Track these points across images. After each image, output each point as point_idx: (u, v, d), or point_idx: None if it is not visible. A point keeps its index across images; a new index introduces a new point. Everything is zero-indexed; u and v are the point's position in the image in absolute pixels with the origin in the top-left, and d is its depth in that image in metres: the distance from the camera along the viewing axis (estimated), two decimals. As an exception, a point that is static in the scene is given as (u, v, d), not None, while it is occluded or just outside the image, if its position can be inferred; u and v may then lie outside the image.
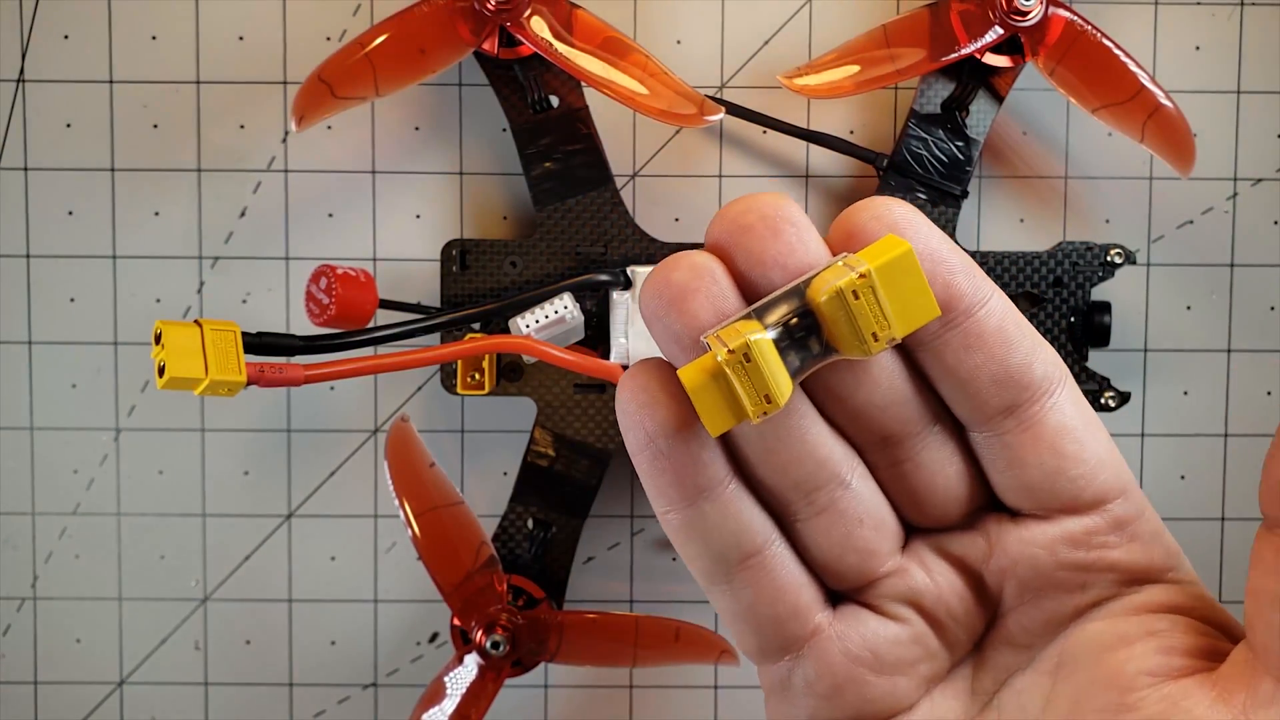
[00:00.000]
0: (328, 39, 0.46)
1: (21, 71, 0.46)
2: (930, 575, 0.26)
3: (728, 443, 0.25)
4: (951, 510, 0.26)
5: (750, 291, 0.24)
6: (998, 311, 0.24)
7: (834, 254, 0.24)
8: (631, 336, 0.43)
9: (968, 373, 0.24)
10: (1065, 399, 0.25)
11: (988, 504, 0.26)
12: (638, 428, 0.24)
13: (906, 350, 0.25)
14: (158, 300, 0.47)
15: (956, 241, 0.44)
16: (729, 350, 0.22)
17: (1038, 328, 0.44)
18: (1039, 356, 0.24)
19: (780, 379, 0.23)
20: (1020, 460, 0.25)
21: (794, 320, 0.23)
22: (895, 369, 0.25)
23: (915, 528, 0.27)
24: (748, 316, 0.23)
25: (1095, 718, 0.25)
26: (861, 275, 0.22)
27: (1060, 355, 0.43)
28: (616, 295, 0.43)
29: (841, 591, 0.27)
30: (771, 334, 0.23)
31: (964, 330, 0.24)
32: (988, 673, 0.27)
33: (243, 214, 0.47)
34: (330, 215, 0.47)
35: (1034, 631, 0.26)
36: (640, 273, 0.43)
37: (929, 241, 0.24)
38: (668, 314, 0.23)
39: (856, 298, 0.22)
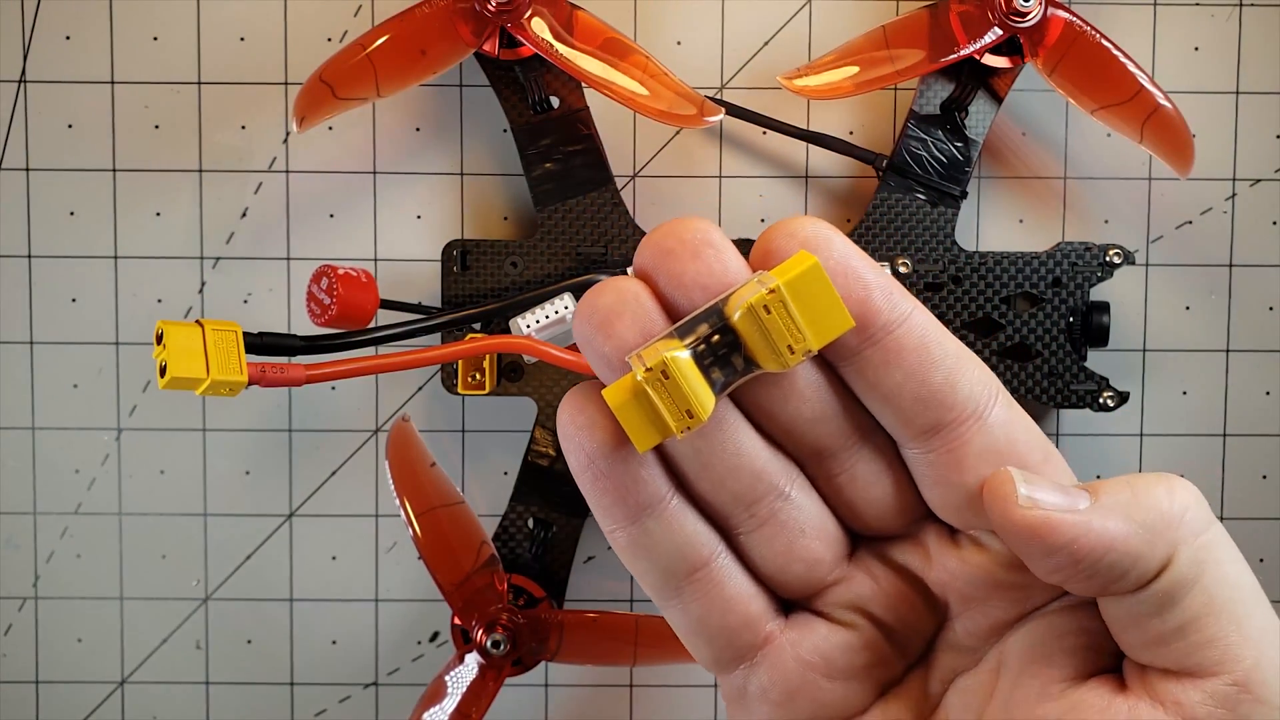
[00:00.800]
0: (329, 40, 0.46)
1: (23, 72, 0.46)
2: (877, 583, 0.27)
3: (666, 459, 0.25)
4: (890, 522, 0.26)
5: (675, 313, 0.24)
6: (918, 329, 0.24)
7: (754, 273, 0.24)
8: (632, 336, 0.43)
9: (889, 390, 0.25)
10: (995, 421, 0.25)
11: (928, 515, 0.26)
12: (578, 449, 0.25)
13: (832, 366, 0.25)
14: (159, 300, 0.47)
15: (954, 242, 0.44)
16: (647, 368, 0.23)
17: (1036, 328, 0.44)
18: (964, 376, 0.25)
19: (701, 394, 0.23)
20: (946, 482, 0.25)
21: (715, 337, 0.24)
22: (821, 383, 0.25)
23: (861, 536, 0.27)
24: (669, 336, 0.24)
25: (1020, 712, 0.25)
26: (771, 290, 0.23)
27: (1059, 355, 0.44)
28: (617, 295, 0.43)
29: (791, 600, 0.27)
30: (690, 351, 0.23)
31: (883, 347, 0.24)
32: (937, 675, 0.27)
33: (244, 214, 0.47)
34: (331, 216, 0.47)
35: (980, 636, 0.27)
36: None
37: (843, 259, 0.24)
38: (595, 337, 0.24)
39: (769, 312, 0.23)
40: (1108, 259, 0.44)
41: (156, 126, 0.47)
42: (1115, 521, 0.24)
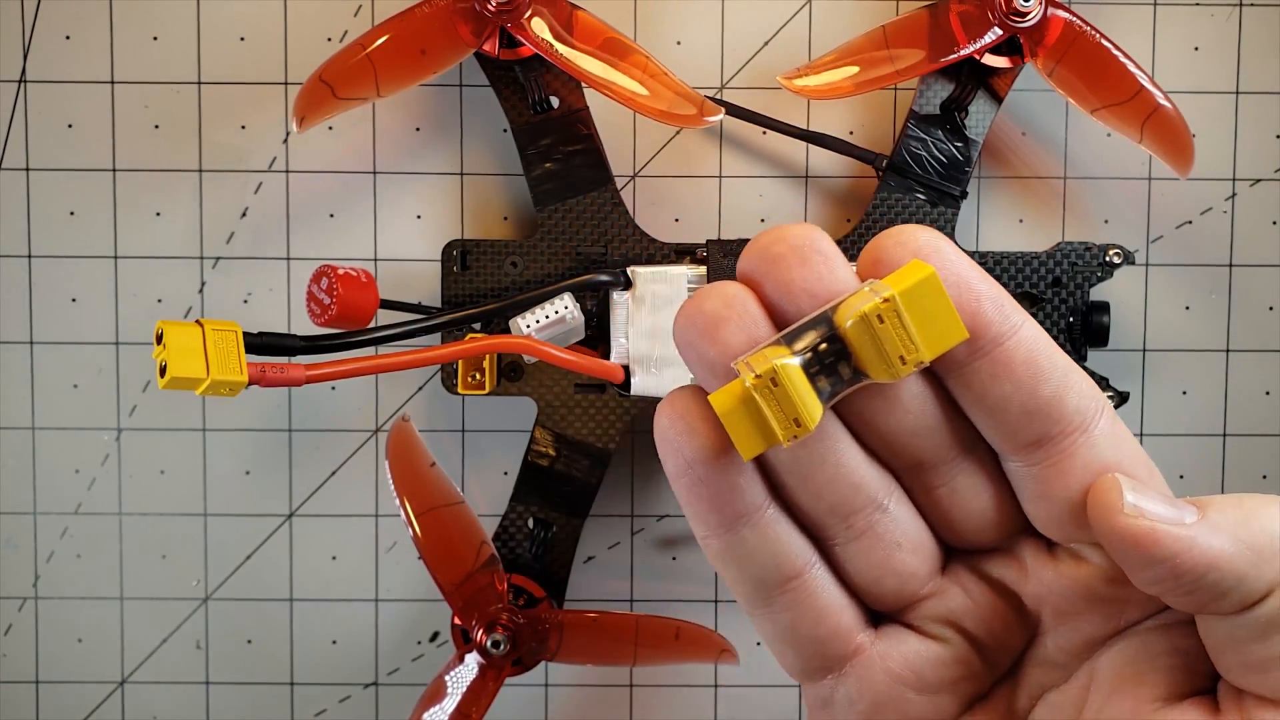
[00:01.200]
0: (329, 40, 0.46)
1: (23, 72, 0.46)
2: (970, 597, 0.26)
3: (764, 468, 0.25)
4: (987, 535, 0.26)
5: (782, 320, 0.24)
6: (1028, 341, 0.24)
7: (862, 281, 0.24)
8: (631, 336, 0.43)
9: (996, 402, 0.24)
10: (1100, 434, 0.24)
11: (1025, 529, 0.26)
12: (676, 454, 0.24)
13: (937, 377, 0.25)
14: (159, 300, 0.47)
15: (964, 249, 0.44)
16: (756, 375, 0.23)
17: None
18: (1072, 389, 0.24)
19: (809, 403, 0.23)
20: (1049, 495, 0.25)
21: (823, 345, 0.23)
22: (925, 395, 0.25)
23: (954, 549, 0.27)
24: (777, 343, 0.23)
25: None
26: (885, 300, 0.23)
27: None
28: (617, 295, 0.43)
29: (882, 612, 0.27)
30: (799, 359, 0.23)
31: (992, 359, 0.24)
32: (1025, 690, 0.27)
33: (244, 214, 0.47)
34: (331, 215, 0.47)
35: (1071, 652, 0.26)
36: (640, 273, 0.43)
37: (956, 268, 0.24)
38: (700, 342, 0.24)
39: (882, 322, 0.23)
40: (1108, 259, 0.44)
41: (156, 126, 0.47)
42: (1221, 540, 0.23)
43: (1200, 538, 0.23)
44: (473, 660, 0.43)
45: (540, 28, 0.41)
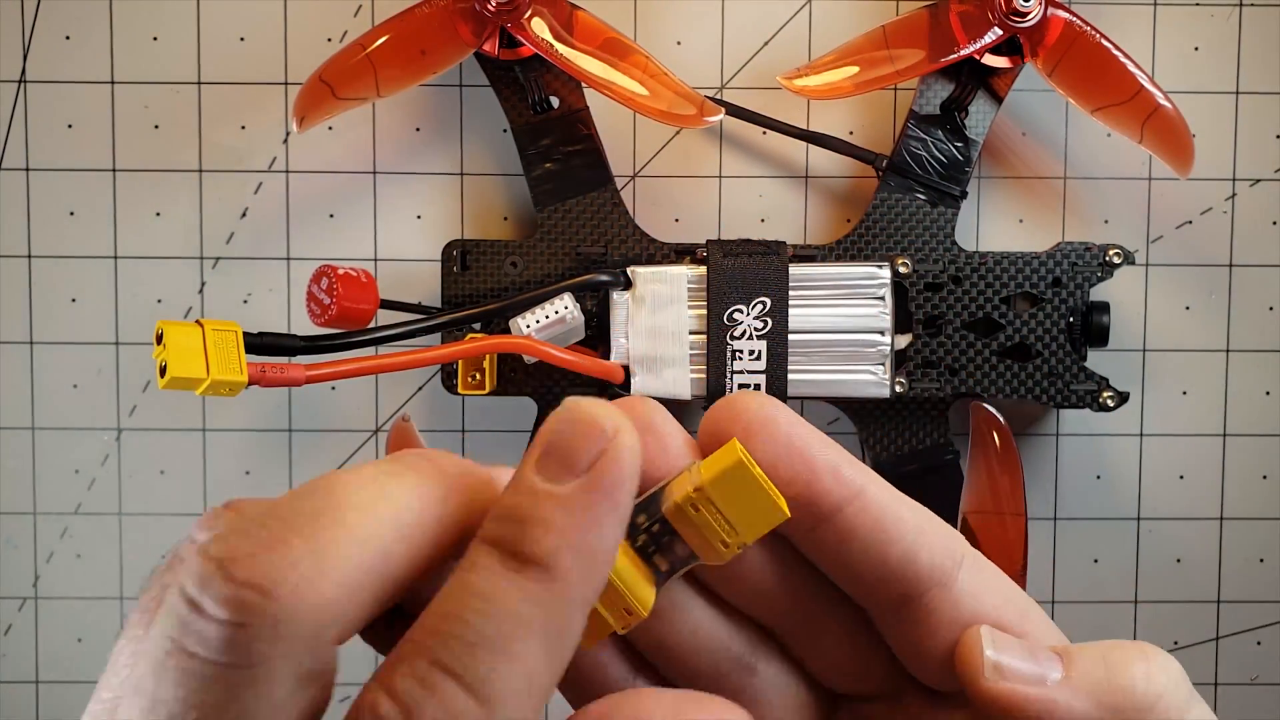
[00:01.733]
0: (329, 40, 0.46)
1: (23, 72, 0.46)
2: None
3: (628, 643, 0.25)
4: (869, 685, 0.26)
5: None
6: (872, 505, 0.23)
7: (704, 452, 0.23)
8: (631, 336, 0.43)
9: (848, 565, 0.24)
10: (962, 588, 0.24)
11: (909, 675, 0.25)
12: None
13: (790, 540, 0.24)
14: (159, 300, 0.47)
15: (954, 242, 0.44)
16: None
17: (1036, 328, 0.44)
18: (924, 547, 0.24)
19: (639, 590, 0.23)
20: (918, 650, 0.24)
21: (655, 527, 0.23)
22: (775, 562, 0.24)
23: (843, 695, 0.26)
24: None
25: None
26: (697, 489, 0.22)
27: (1059, 355, 0.44)
28: (616, 295, 0.43)
29: None
30: (629, 543, 0.23)
31: (836, 526, 0.23)
32: None
33: (244, 214, 0.47)
34: (331, 216, 0.47)
35: None
36: (640, 273, 0.43)
37: (788, 439, 0.23)
38: None
39: (696, 510, 0.22)
40: (1108, 259, 0.44)
41: (156, 126, 0.47)
42: (1083, 701, 0.23)
43: (1061, 699, 0.23)
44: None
45: (540, 28, 0.41)
